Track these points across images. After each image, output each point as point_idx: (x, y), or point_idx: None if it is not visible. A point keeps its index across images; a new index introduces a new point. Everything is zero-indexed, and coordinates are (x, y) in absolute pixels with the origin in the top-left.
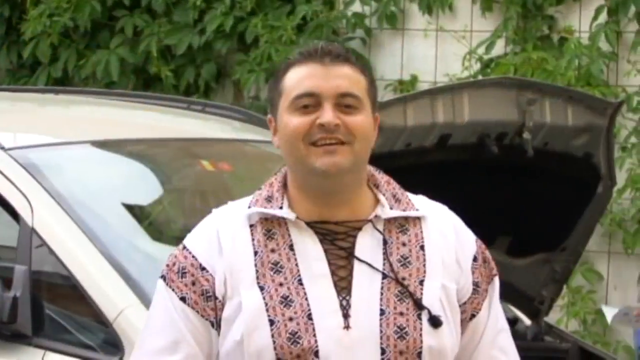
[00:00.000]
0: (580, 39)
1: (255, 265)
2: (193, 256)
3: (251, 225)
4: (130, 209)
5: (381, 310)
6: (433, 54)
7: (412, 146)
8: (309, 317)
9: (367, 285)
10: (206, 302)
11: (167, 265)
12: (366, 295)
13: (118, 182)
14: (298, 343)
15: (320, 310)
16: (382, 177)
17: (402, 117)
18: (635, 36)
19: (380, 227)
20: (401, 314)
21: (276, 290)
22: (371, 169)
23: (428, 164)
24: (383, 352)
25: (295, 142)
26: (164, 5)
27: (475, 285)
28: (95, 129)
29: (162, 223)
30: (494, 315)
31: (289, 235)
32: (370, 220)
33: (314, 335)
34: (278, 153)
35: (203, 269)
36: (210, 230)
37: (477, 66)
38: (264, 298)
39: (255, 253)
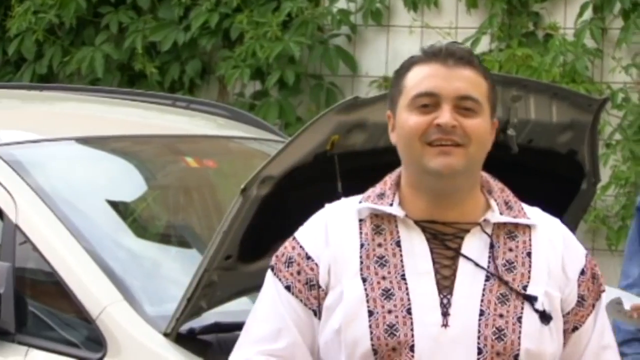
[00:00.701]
0: (565, 35)
1: (361, 257)
2: (300, 246)
3: (361, 220)
4: (115, 205)
5: (481, 310)
6: (418, 51)
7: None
8: (409, 311)
9: (469, 285)
10: (310, 290)
11: (276, 256)
12: (467, 295)
13: (102, 179)
14: (395, 335)
15: (420, 305)
16: (496, 184)
17: (386, 114)
18: (620, 33)
19: (489, 231)
20: (501, 315)
21: (378, 283)
22: (486, 175)
23: None
24: (480, 352)
25: (412, 141)
26: (149, 1)
27: (581, 298)
28: (80, 126)
29: (146, 220)
30: (599, 330)
31: (397, 232)
32: (479, 224)
33: (412, 330)
34: (262, 150)
35: (309, 258)
36: (320, 222)
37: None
38: (365, 289)
39: (362, 245)
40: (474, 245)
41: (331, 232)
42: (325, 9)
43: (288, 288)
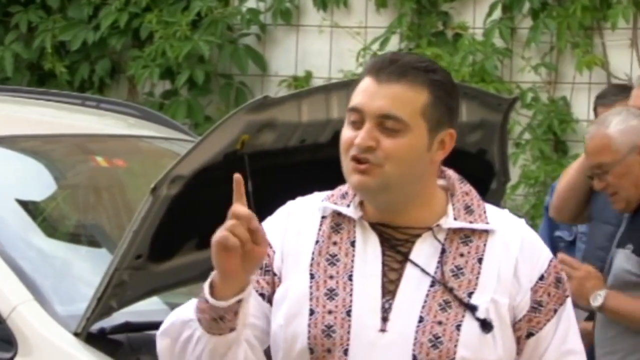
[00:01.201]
0: (474, 35)
1: (313, 252)
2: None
3: (323, 217)
4: (24, 205)
5: (420, 317)
6: (328, 50)
7: (307, 142)
8: (348, 313)
9: (413, 290)
10: (263, 275)
11: None
12: (409, 301)
13: (12, 178)
14: (331, 337)
15: (360, 308)
16: (461, 187)
17: (296, 113)
18: (529, 32)
19: (442, 236)
20: (440, 323)
21: (325, 281)
22: (455, 178)
23: (323, 160)
24: (414, 358)
25: (343, 154)
26: (59, 1)
27: (538, 304)
28: None
29: (56, 219)
30: (561, 336)
31: (354, 233)
32: (431, 229)
33: (348, 332)
34: (172, 149)
35: (269, 246)
36: (283, 213)
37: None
38: (310, 287)
39: (317, 242)
40: (424, 250)
41: (291, 224)
42: (235, 8)
43: None
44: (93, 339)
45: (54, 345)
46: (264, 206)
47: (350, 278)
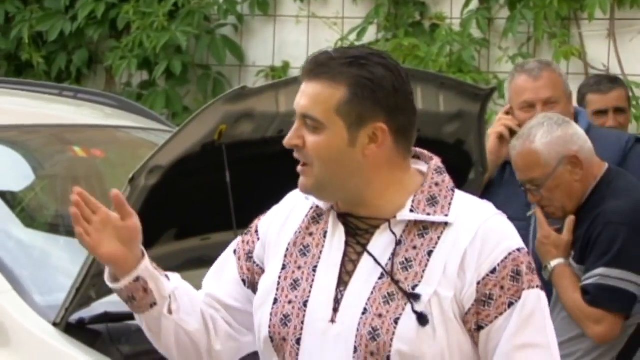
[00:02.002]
0: (451, 25)
1: (289, 243)
2: (260, 219)
3: (310, 208)
4: (2, 195)
5: (364, 309)
6: (305, 41)
7: (285, 133)
8: (305, 304)
9: (363, 282)
10: (246, 261)
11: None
12: (358, 292)
13: None
14: (287, 326)
15: (316, 299)
16: (433, 178)
17: (274, 103)
18: (507, 22)
19: (399, 228)
20: (380, 315)
21: (293, 272)
22: (433, 168)
23: None
24: (355, 350)
25: None
26: None
27: (487, 297)
28: None
29: (34, 209)
30: (513, 330)
31: (327, 223)
32: (389, 221)
33: (302, 322)
34: (150, 139)
35: (256, 231)
36: (280, 203)
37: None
38: (279, 277)
39: (295, 232)
40: (380, 242)
41: (280, 214)
42: None
43: (234, 252)
44: (72, 329)
45: (33, 336)
46: (241, 196)
47: (314, 269)
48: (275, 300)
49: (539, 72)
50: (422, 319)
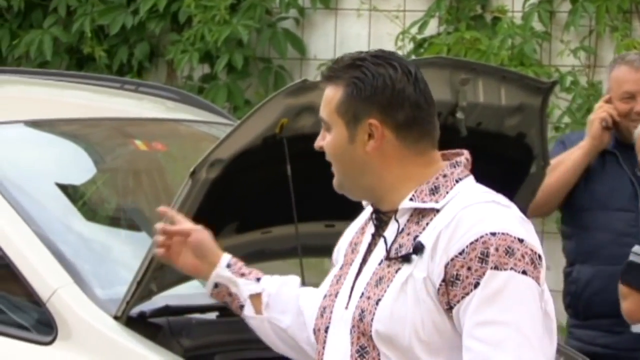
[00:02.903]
0: (513, 18)
1: (349, 243)
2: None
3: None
4: (64, 189)
5: (362, 293)
6: (366, 34)
7: None
8: (337, 295)
9: (369, 269)
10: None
11: None
12: (363, 279)
13: (51, 162)
14: (322, 317)
15: (343, 290)
16: (443, 171)
17: None
18: (568, 16)
19: (403, 218)
20: (368, 298)
21: (341, 268)
22: (450, 162)
23: None
24: (351, 332)
25: None
26: None
27: (455, 277)
28: (29, 109)
29: (96, 203)
30: (476, 307)
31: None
32: (395, 211)
33: (331, 312)
34: (211, 133)
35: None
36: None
37: (410, 46)
38: (336, 275)
39: (355, 233)
40: (389, 231)
41: (358, 220)
42: None
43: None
44: (133, 323)
45: (94, 329)
46: (302, 189)
47: (351, 263)
48: (324, 296)
49: (639, 64)
50: (419, 248)
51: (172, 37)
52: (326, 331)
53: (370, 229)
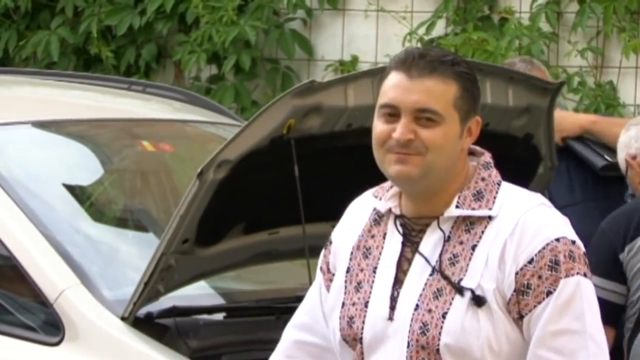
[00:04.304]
0: (520, 19)
1: (353, 246)
2: (333, 230)
3: (373, 210)
4: (71, 189)
5: (416, 305)
6: (374, 35)
7: (353, 127)
8: (366, 304)
9: (416, 279)
10: (329, 273)
11: None
12: (412, 290)
13: (59, 163)
14: (352, 327)
15: (375, 299)
16: (480, 173)
17: (343, 97)
18: (576, 17)
19: (448, 225)
20: (429, 310)
21: (357, 275)
22: (482, 164)
23: (369, 145)
24: (408, 345)
25: (377, 147)
26: None
27: (526, 287)
28: (36, 110)
29: (103, 204)
30: (549, 317)
31: (387, 225)
32: (438, 218)
33: (363, 322)
34: (218, 134)
35: (330, 242)
36: (354, 205)
37: (417, 47)
38: (345, 281)
39: (359, 235)
40: (431, 240)
41: (345, 221)
42: None
43: (321, 269)
44: (140, 323)
45: (101, 330)
46: (310, 190)
47: (374, 270)
48: (343, 304)
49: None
50: (479, 301)
51: (180, 38)
52: (361, 342)
53: (393, 234)
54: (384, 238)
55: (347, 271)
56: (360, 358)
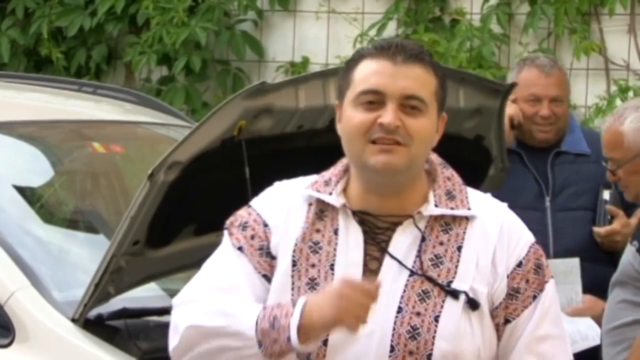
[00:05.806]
0: (471, 21)
1: (297, 238)
2: (257, 213)
3: (309, 204)
4: (22, 191)
5: (399, 307)
6: (325, 36)
7: (304, 128)
8: None
9: (392, 280)
10: (261, 256)
11: (230, 221)
12: (388, 291)
13: (9, 164)
14: None
15: None
16: (443, 172)
17: (294, 99)
18: (527, 18)
19: (423, 224)
20: (418, 314)
21: (307, 270)
22: (438, 162)
23: (320, 147)
24: (392, 349)
25: (356, 138)
26: None
27: (515, 290)
28: None
29: (53, 205)
30: (535, 322)
31: (337, 221)
32: (412, 216)
33: None
34: (169, 135)
35: (266, 225)
36: (280, 194)
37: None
38: (292, 275)
39: (301, 228)
40: (404, 239)
41: (282, 206)
42: None
43: (240, 249)
44: (90, 325)
45: (52, 331)
46: (260, 192)
47: (332, 267)
48: (294, 302)
49: (550, 69)
50: (474, 304)
51: (130, 39)
52: (325, 344)
53: (348, 230)
54: (335, 234)
55: (294, 265)
56: (320, 358)
